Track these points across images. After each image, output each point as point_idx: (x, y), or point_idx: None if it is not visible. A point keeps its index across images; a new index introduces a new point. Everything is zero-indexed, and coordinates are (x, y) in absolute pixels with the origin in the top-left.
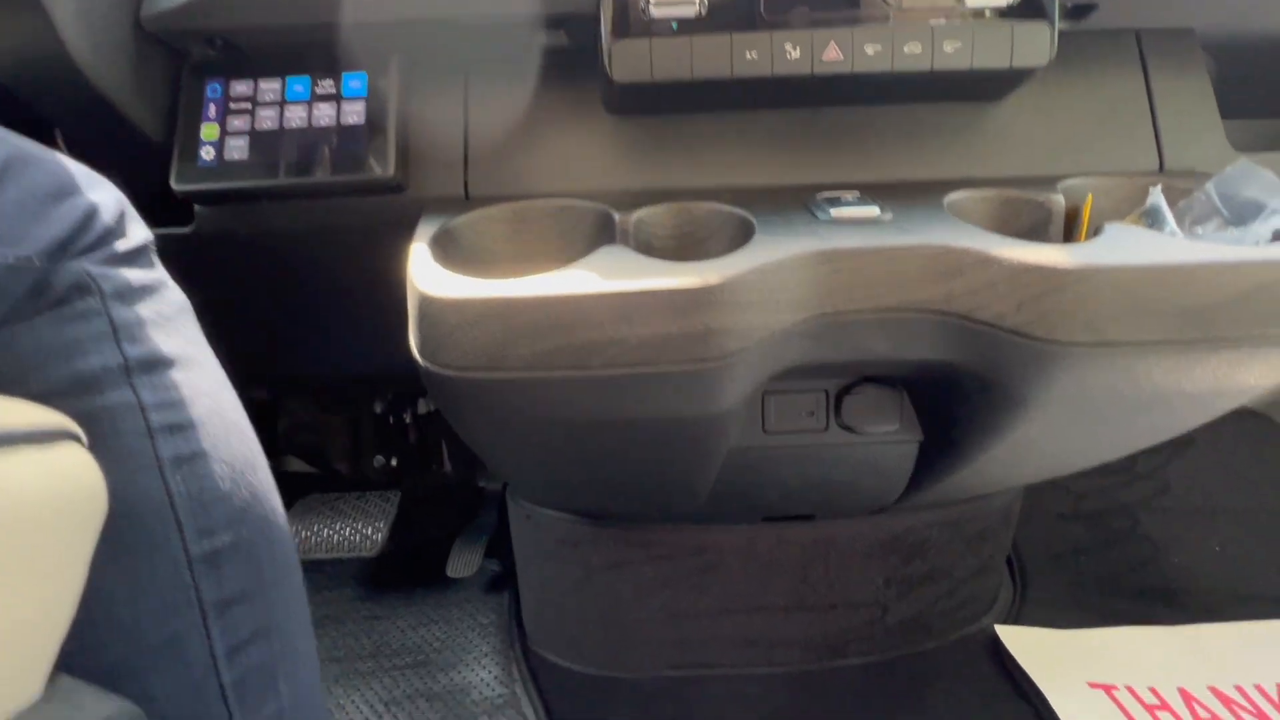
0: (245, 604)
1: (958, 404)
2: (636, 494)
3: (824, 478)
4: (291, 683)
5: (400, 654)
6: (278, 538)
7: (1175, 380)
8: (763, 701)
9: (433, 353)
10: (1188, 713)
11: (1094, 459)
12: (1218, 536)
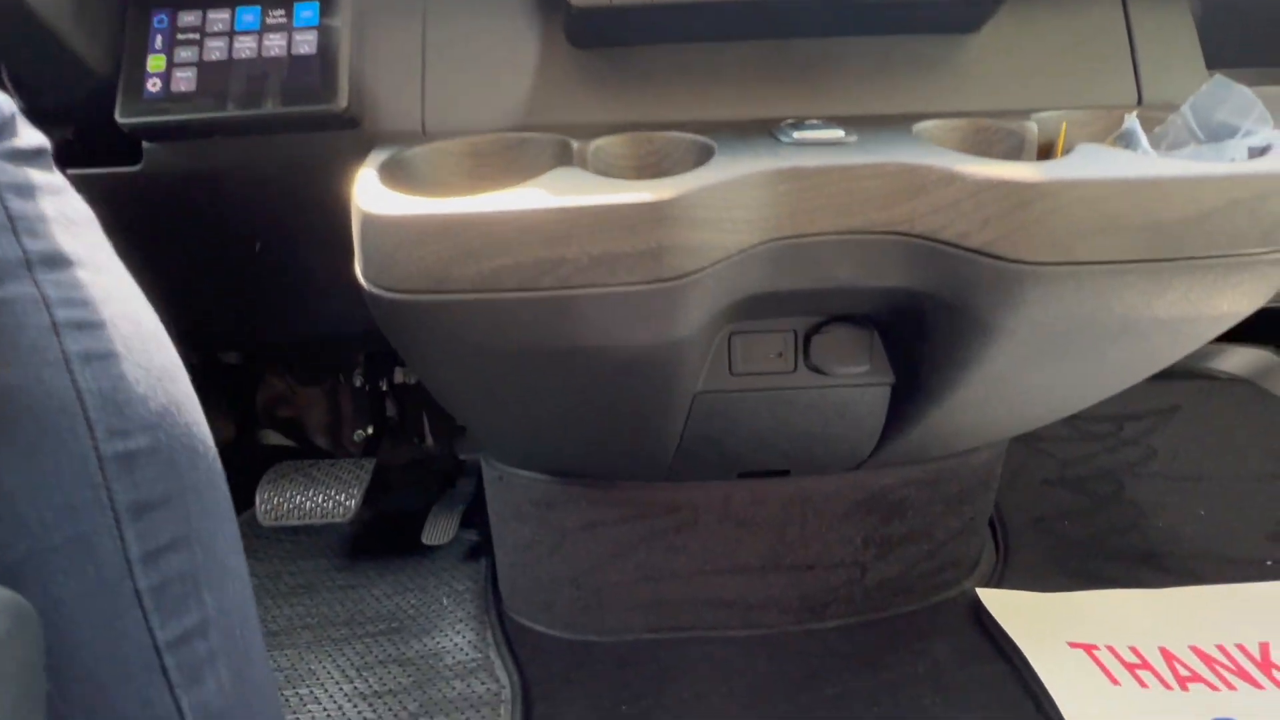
0: (164, 509)
1: (927, 340)
2: (603, 442)
3: (795, 425)
4: (218, 595)
5: (374, 621)
6: (201, 449)
7: (1146, 304)
8: (740, 664)
9: (376, 274)
10: (1169, 671)
11: (1068, 403)
12: (1203, 501)
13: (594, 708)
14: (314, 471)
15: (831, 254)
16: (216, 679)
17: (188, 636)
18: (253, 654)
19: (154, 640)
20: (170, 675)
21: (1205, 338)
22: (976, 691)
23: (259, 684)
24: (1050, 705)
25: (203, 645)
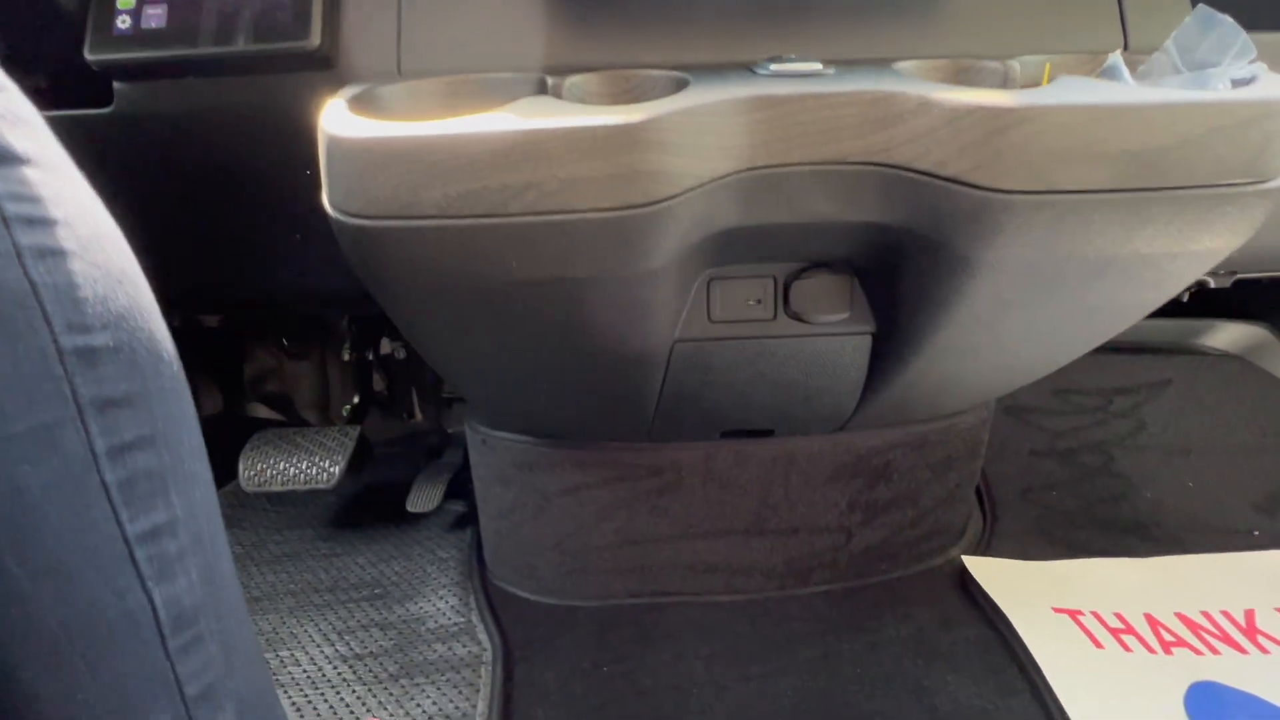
0: (128, 408)
1: (906, 280)
2: (583, 393)
3: (776, 378)
4: (186, 498)
5: (358, 587)
6: (165, 356)
7: (1126, 237)
8: (722, 627)
9: (343, 199)
10: (1153, 636)
11: (1051, 355)
12: (1191, 473)
13: (575, 669)
14: (298, 439)
15: (807, 186)
16: (187, 577)
17: (157, 533)
18: (220, 560)
19: (124, 533)
20: (141, 569)
21: (1188, 278)
22: (959, 654)
23: (227, 588)
24: (1033, 667)
25: (172, 543)
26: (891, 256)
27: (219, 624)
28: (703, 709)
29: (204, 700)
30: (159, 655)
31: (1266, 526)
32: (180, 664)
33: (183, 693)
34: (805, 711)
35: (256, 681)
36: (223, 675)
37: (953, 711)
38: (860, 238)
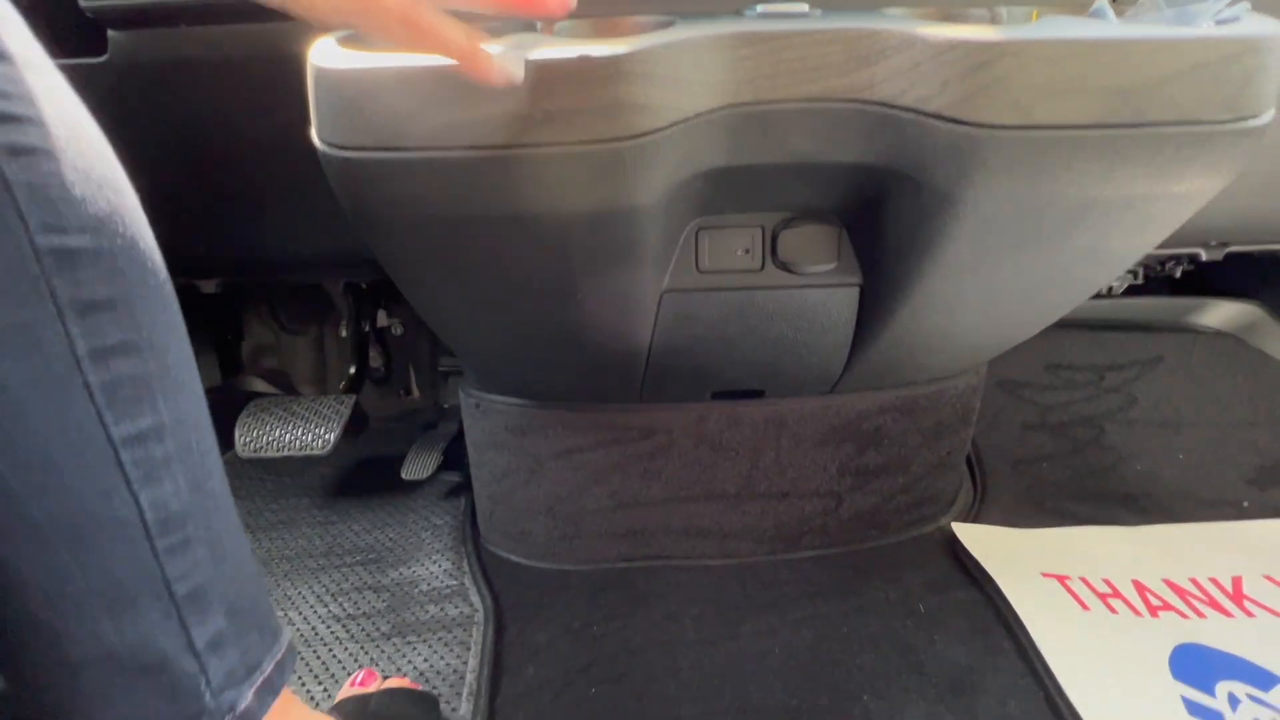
0: (109, 312)
1: (892, 225)
2: (573, 346)
3: (765, 332)
4: (173, 406)
5: (352, 553)
6: (150, 265)
7: (1106, 175)
8: (712, 590)
9: (329, 131)
10: (1140, 601)
11: (1037, 311)
12: (1182, 446)
13: (565, 629)
14: (294, 406)
15: (792, 124)
16: (174, 483)
17: (143, 437)
18: (210, 471)
19: (109, 435)
20: (127, 470)
21: (1170, 222)
22: (947, 616)
23: (217, 498)
24: (1019, 627)
25: (159, 449)
26: (877, 201)
27: (208, 531)
28: (692, 665)
29: (193, 600)
30: (147, 554)
31: (1256, 498)
32: (168, 564)
33: (171, 591)
34: (793, 668)
35: (249, 591)
36: (212, 579)
37: (938, 669)
38: (846, 181)
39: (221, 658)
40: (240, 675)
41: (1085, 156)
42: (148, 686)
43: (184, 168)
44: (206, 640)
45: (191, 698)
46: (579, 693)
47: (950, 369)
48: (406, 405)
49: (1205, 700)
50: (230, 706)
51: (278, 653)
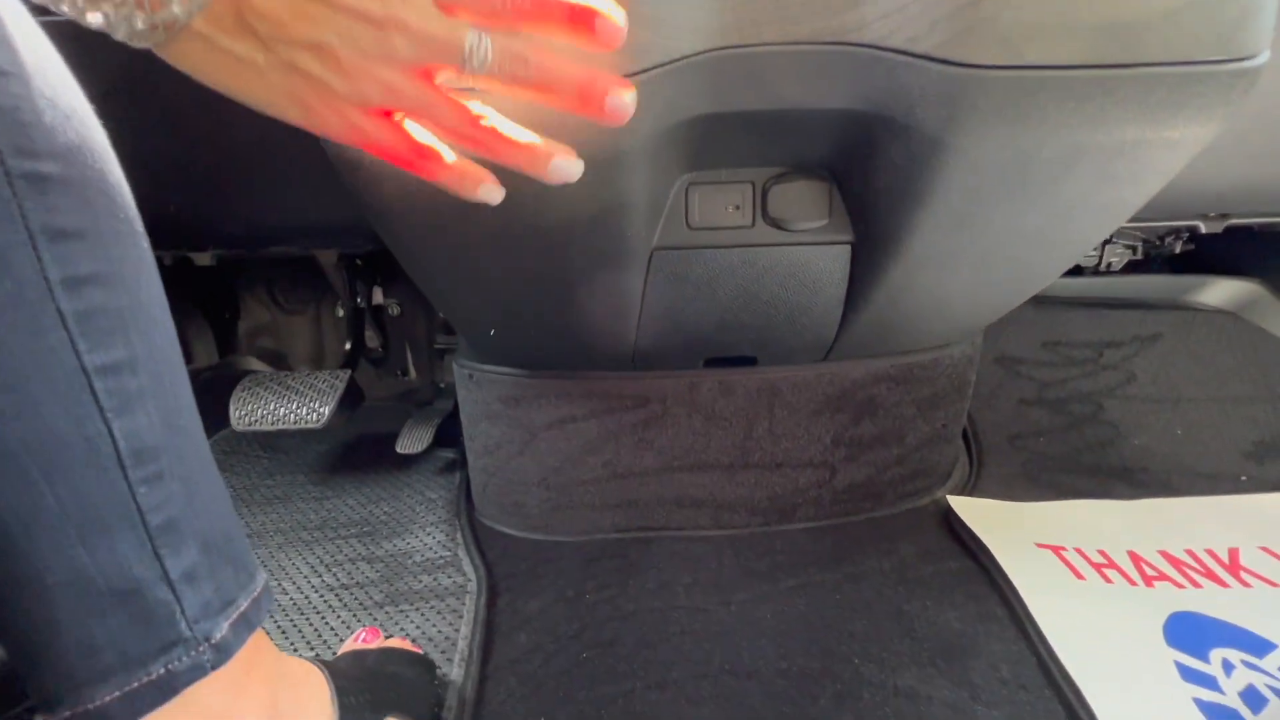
0: (81, 242)
1: (882, 179)
2: (564, 303)
3: (757, 294)
4: (146, 340)
5: (347, 526)
6: (119, 201)
7: (1098, 118)
8: (707, 559)
9: None
10: (1135, 572)
11: (1028, 269)
12: (1181, 421)
13: (558, 597)
14: (289, 381)
15: (778, 68)
16: (147, 416)
17: (116, 368)
18: (183, 408)
19: (81, 363)
20: (100, 399)
21: (1163, 173)
22: (940, 584)
23: (190, 436)
24: (1013, 595)
25: (132, 381)
26: (867, 151)
27: (181, 466)
28: (683, 631)
29: (167, 532)
30: (120, 484)
31: (1254, 472)
32: (142, 495)
33: (145, 521)
34: (784, 633)
35: (223, 527)
36: (186, 514)
37: (931, 635)
38: (835, 130)
39: (196, 590)
40: (215, 608)
41: (1075, 98)
42: (123, 613)
43: (174, 133)
44: (181, 571)
45: (167, 626)
46: (570, 657)
47: (945, 336)
48: (404, 386)
49: (1199, 666)
50: (206, 637)
51: (254, 590)
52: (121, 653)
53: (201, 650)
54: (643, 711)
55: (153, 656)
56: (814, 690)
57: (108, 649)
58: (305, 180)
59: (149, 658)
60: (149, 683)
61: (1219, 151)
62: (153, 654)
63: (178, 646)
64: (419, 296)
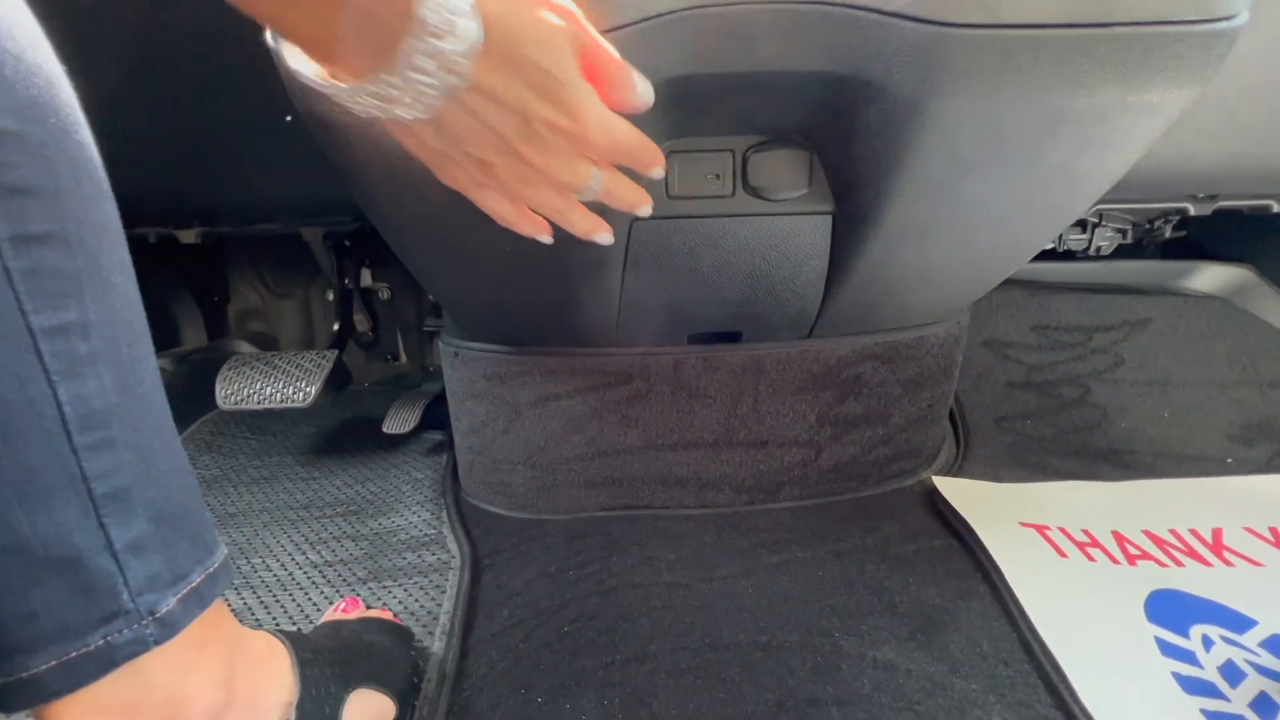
0: (34, 200)
1: (861, 146)
2: (544, 276)
3: (738, 265)
4: (101, 307)
5: (333, 505)
6: (80, 161)
7: (1074, 80)
8: (690, 536)
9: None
10: (1119, 550)
11: (1010, 241)
12: (1168, 404)
13: (542, 573)
14: (275, 361)
15: (755, 26)
16: (98, 381)
17: (65, 330)
18: (142, 375)
19: (28, 323)
20: (45, 361)
21: (1142, 139)
22: (923, 561)
23: (149, 404)
24: (995, 572)
25: (83, 345)
26: (845, 117)
27: (135, 434)
28: (664, 605)
29: (114, 500)
30: (64, 448)
31: (1240, 454)
32: (87, 461)
33: (90, 488)
34: (764, 608)
35: (180, 500)
36: (137, 483)
37: (912, 610)
38: (813, 94)
39: (143, 561)
40: (164, 581)
41: (1052, 59)
42: (61, 581)
43: (153, 107)
44: (126, 542)
45: (107, 597)
46: (551, 631)
47: (929, 314)
48: (394, 370)
49: (1179, 641)
50: (150, 610)
51: (210, 565)
52: (60, 622)
53: (145, 624)
54: (621, 683)
55: (92, 627)
56: (792, 662)
57: (44, 617)
58: (288, 157)
59: (88, 628)
60: (87, 654)
61: (1205, 129)
62: (92, 624)
63: (119, 618)
64: (409, 281)
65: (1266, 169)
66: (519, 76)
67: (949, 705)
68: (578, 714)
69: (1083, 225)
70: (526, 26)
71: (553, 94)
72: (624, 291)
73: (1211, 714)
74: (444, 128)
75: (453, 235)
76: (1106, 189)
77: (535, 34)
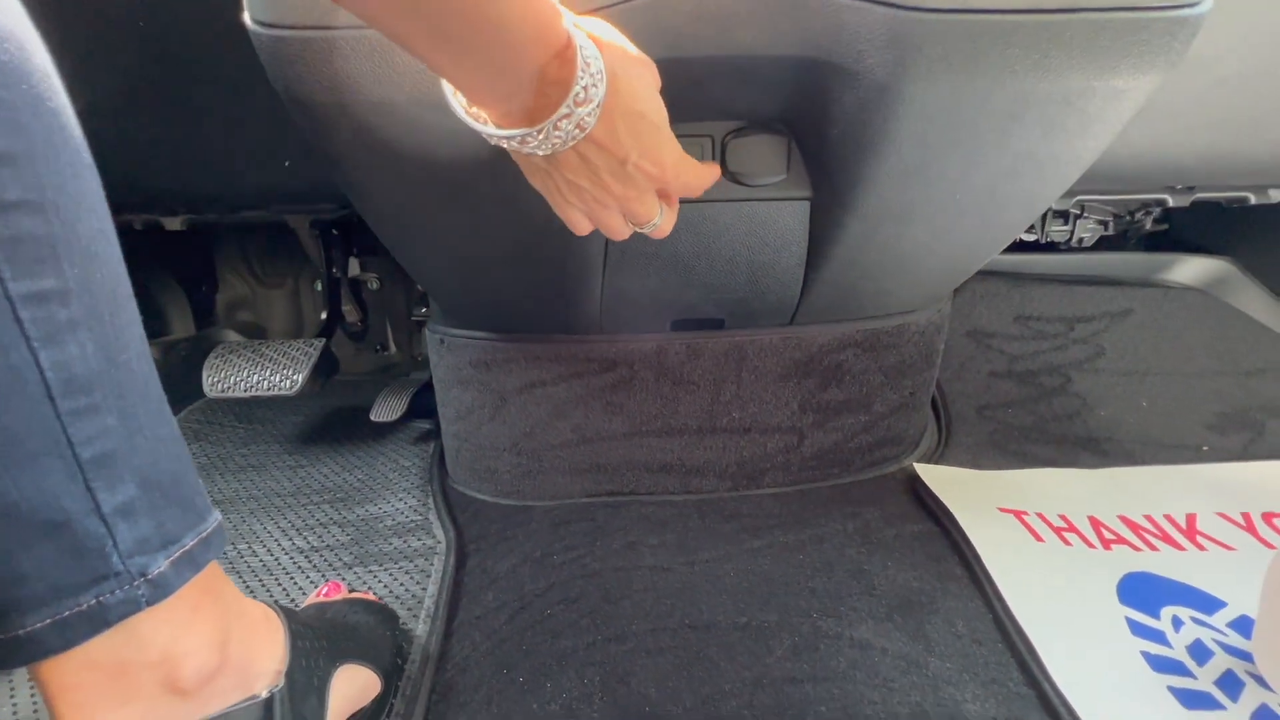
0: (10, 167)
1: (836, 131)
2: (525, 259)
3: (718, 251)
4: (81, 275)
5: (320, 493)
6: (55, 126)
7: (1043, 65)
8: (674, 521)
9: (259, 8)
10: (1095, 535)
11: (985, 227)
12: (1146, 394)
13: (526, 558)
14: (262, 349)
15: (728, 10)
16: (80, 348)
17: (43, 297)
18: (127, 344)
19: (5, 290)
20: (25, 327)
21: (1110, 124)
22: (902, 545)
23: (135, 373)
24: (973, 555)
25: (62, 312)
26: (820, 101)
27: (120, 401)
28: (646, 588)
29: (100, 465)
30: (47, 412)
31: (1216, 442)
32: (71, 426)
33: (75, 453)
34: (744, 590)
35: (169, 467)
36: (123, 449)
37: (890, 592)
38: (788, 80)
39: (132, 525)
40: (154, 544)
41: (1021, 44)
42: (51, 544)
43: (135, 93)
44: (114, 506)
45: (97, 558)
46: (535, 614)
47: (909, 302)
48: (383, 361)
49: (1149, 622)
50: (141, 572)
51: (202, 530)
52: (51, 583)
53: (136, 585)
54: (601, 662)
55: (84, 588)
56: (770, 642)
57: (36, 578)
58: (272, 144)
59: (80, 589)
60: (79, 613)
61: (1181, 121)
62: (84, 585)
63: (109, 579)
64: (398, 271)
65: (1241, 160)
66: (628, 130)
67: (923, 683)
68: (559, 692)
69: (1065, 217)
70: (636, 87)
71: (649, 143)
72: (607, 276)
73: (1179, 691)
74: (555, 162)
75: (435, 218)
76: (1076, 176)
77: (643, 92)
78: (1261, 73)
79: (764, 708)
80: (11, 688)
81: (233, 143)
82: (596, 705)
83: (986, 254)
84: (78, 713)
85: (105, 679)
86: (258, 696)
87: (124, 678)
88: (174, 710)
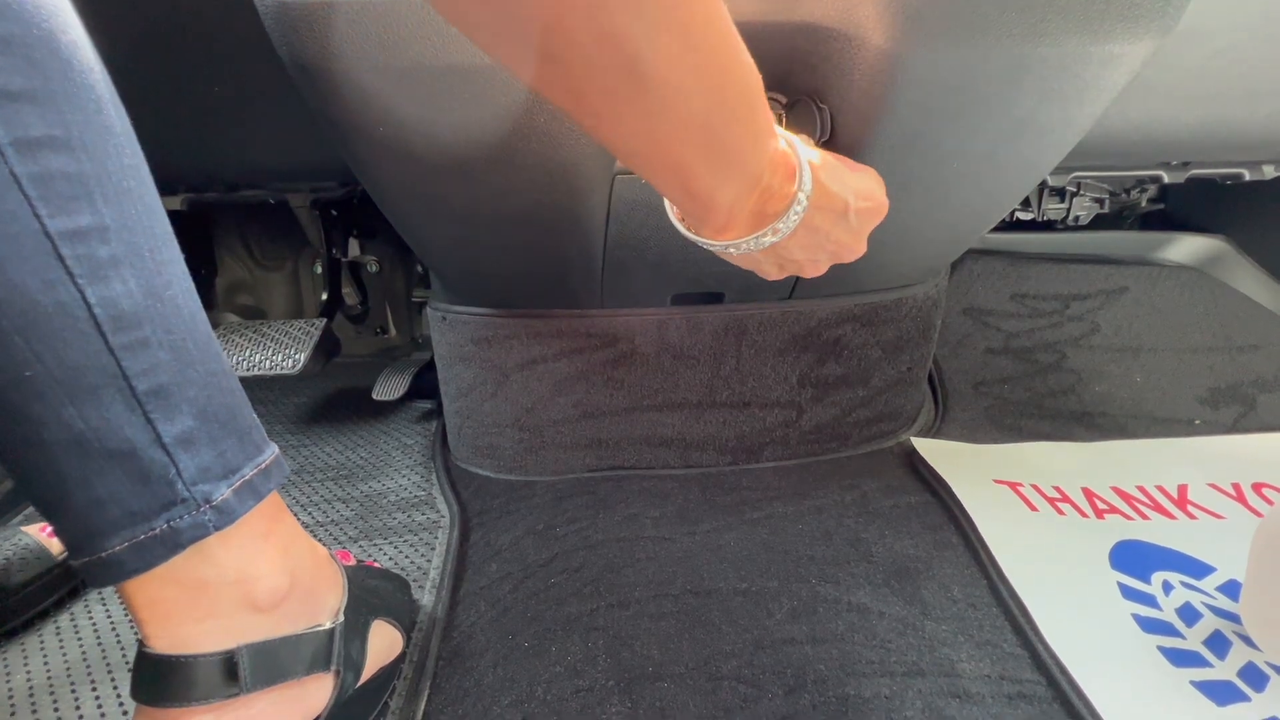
0: (31, 105)
1: (834, 99)
2: (526, 230)
3: None
4: (117, 210)
5: (324, 470)
6: (75, 64)
7: (1040, 30)
8: (675, 494)
9: None
10: (1088, 505)
11: (984, 196)
12: (1140, 369)
13: (529, 531)
14: (264, 329)
15: None
16: (124, 284)
17: (83, 234)
18: (171, 281)
19: (44, 228)
20: (69, 265)
21: (1104, 90)
22: (899, 515)
23: (181, 308)
24: (968, 524)
25: (103, 249)
26: (821, 70)
27: (169, 335)
28: (648, 557)
29: (156, 397)
30: (100, 347)
31: (1208, 416)
32: (125, 359)
33: (131, 385)
34: (745, 558)
35: (224, 400)
36: (177, 381)
37: (887, 559)
38: (787, 47)
39: (193, 455)
40: (216, 473)
41: (1017, 7)
42: (120, 472)
43: (134, 67)
44: (174, 436)
45: (164, 485)
46: (538, 583)
47: (907, 275)
48: (384, 343)
49: (1140, 586)
50: (206, 498)
51: (261, 461)
52: (126, 509)
53: (202, 510)
54: (605, 627)
55: (155, 513)
56: (770, 606)
57: (111, 504)
58: (273, 121)
59: (151, 514)
60: (153, 536)
61: (1176, 95)
62: (154, 511)
63: (177, 505)
64: (398, 253)
65: (1235, 135)
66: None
67: (919, 644)
68: (563, 655)
69: (1061, 194)
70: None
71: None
72: (607, 247)
73: (1168, 650)
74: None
75: (438, 189)
76: (1073, 143)
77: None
78: (1256, 46)
79: (764, 667)
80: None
81: (236, 117)
82: (600, 666)
83: (984, 225)
84: (163, 625)
85: (187, 595)
86: (322, 625)
87: (204, 594)
88: (252, 625)
